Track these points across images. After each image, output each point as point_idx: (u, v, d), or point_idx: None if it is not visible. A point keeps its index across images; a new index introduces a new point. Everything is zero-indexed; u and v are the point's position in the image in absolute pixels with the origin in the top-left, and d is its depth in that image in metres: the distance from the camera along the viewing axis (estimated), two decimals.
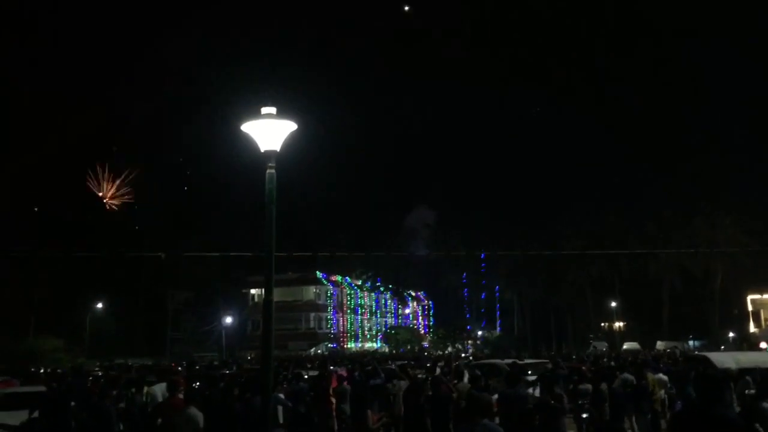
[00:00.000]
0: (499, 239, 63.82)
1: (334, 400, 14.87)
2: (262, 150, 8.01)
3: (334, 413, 14.80)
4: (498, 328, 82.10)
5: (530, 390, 18.93)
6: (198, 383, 15.97)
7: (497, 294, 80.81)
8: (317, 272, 73.65)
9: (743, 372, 14.69)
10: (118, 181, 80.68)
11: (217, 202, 79.29)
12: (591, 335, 69.14)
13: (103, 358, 44.32)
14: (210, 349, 65.68)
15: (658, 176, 76.54)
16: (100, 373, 23.95)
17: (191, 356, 49.47)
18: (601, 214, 66.23)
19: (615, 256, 60.62)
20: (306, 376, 16.73)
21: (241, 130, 8.14)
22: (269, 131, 7.97)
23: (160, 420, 9.81)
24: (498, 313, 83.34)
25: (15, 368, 28.52)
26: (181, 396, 9.49)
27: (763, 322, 64.58)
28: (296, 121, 8.13)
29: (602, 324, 74.47)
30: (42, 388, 15.12)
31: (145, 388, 13.89)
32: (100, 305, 61.12)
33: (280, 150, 8.15)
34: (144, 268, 62.82)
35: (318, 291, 75.47)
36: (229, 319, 68.97)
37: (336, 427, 14.86)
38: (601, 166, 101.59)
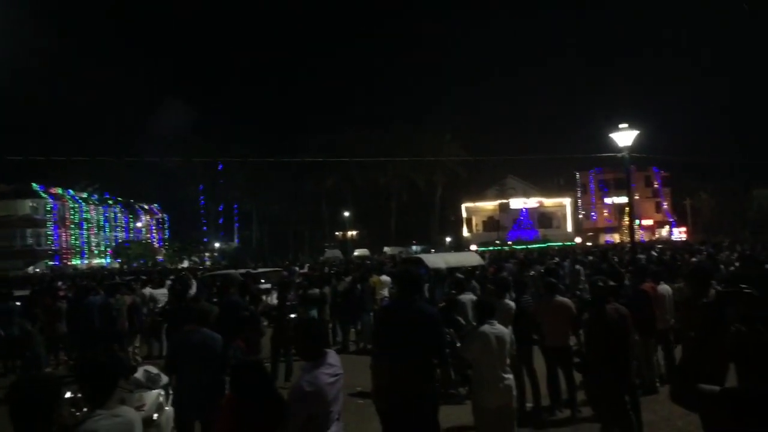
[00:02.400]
0: (239, 149, 62.58)
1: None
2: None
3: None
4: (236, 240, 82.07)
5: (264, 297, 19.52)
6: None
7: (236, 205, 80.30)
8: (33, 184, 66.34)
9: (452, 270, 16.45)
10: None
11: None
12: (326, 244, 72.33)
13: None
14: None
15: (389, 94, 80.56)
16: None
17: None
18: (337, 129, 68.26)
19: (349, 169, 63.36)
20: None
21: None
22: None
23: None
24: (236, 224, 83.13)
25: None
26: None
27: (474, 227, 72.98)
28: None
29: (337, 233, 78.20)
30: None
31: None
32: None
33: None
34: None
35: (35, 205, 68.18)
36: None
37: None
38: (340, 83, 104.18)
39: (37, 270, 56.99)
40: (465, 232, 71.34)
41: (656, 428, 7.44)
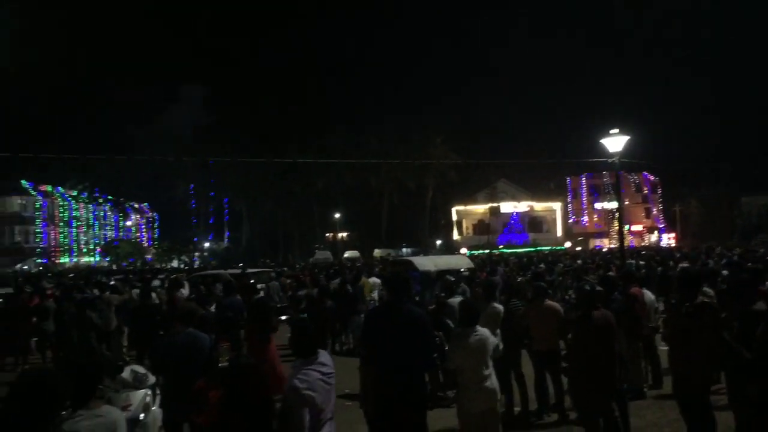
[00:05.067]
0: (230, 150, 62.31)
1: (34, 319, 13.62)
2: None
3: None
4: (226, 240, 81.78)
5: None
6: None
7: (226, 206, 80.00)
8: (23, 181, 66.02)
9: (441, 273, 16.46)
10: None
11: None
12: (316, 245, 72.11)
13: None
14: None
15: (381, 97, 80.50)
16: None
17: None
18: (329, 129, 68.00)
19: (340, 170, 63.21)
20: None
21: None
22: None
23: None
24: (227, 224, 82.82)
25: None
26: None
27: (464, 231, 72.98)
28: None
29: (327, 234, 77.99)
30: None
31: None
32: None
33: None
34: None
35: (24, 202, 67.82)
36: None
37: (33, 346, 13.63)
38: (334, 83, 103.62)
39: (25, 267, 56.63)
40: (455, 235, 71.29)
41: None
